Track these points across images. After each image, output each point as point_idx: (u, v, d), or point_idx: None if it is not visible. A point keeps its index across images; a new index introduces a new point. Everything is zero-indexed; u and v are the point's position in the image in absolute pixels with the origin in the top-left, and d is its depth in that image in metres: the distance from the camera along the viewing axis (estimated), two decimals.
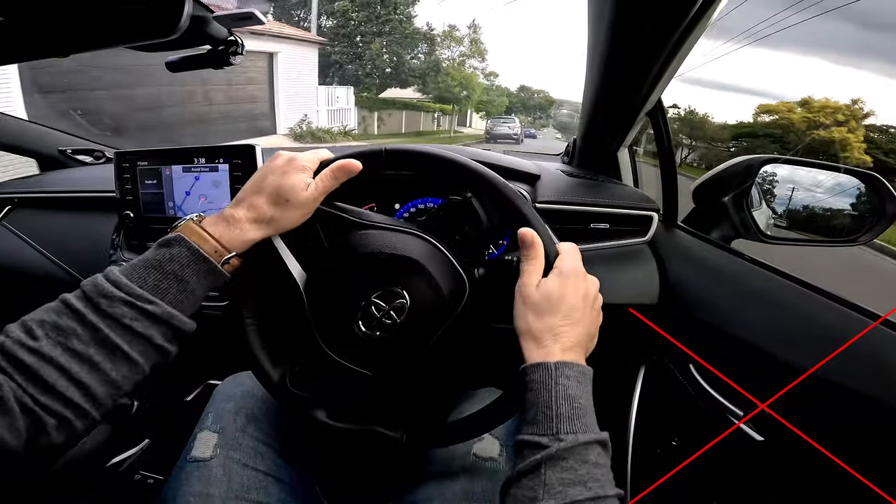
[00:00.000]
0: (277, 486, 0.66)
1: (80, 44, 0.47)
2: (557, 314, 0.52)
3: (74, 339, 0.44)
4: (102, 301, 0.46)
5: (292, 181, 0.56)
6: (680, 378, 0.86)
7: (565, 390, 0.48)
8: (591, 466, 0.45)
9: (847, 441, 0.60)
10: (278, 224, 0.56)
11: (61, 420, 0.43)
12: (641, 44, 0.70)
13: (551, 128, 49.07)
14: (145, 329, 0.47)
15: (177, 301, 0.50)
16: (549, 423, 0.46)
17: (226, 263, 0.53)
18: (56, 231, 1.14)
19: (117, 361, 0.46)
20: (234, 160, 0.93)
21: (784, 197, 0.97)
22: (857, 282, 1.78)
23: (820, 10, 2.90)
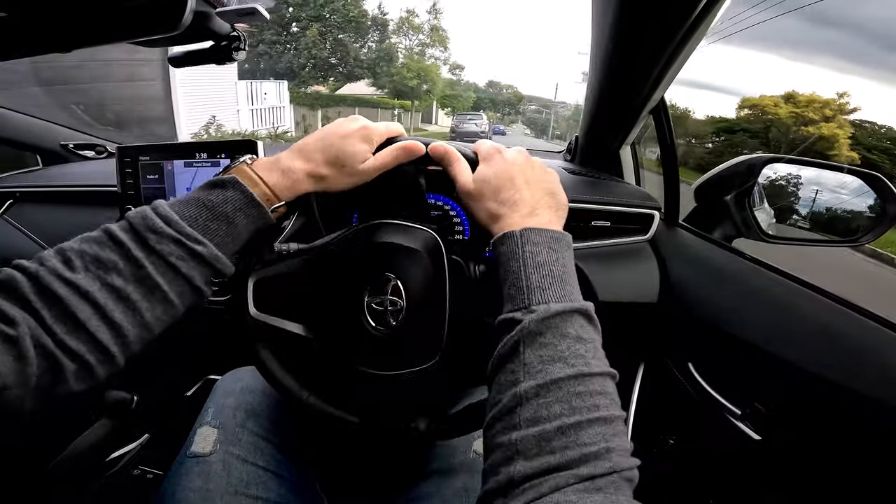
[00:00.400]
0: (277, 482, 0.66)
1: (83, 39, 0.47)
2: (500, 189, 0.51)
3: (115, 274, 0.42)
4: (151, 236, 0.44)
5: (355, 149, 0.55)
6: (679, 376, 0.86)
7: (534, 258, 0.46)
8: (573, 341, 0.42)
9: (845, 441, 0.60)
10: (329, 184, 0.56)
11: (83, 365, 0.40)
12: (645, 42, 0.70)
13: (520, 123, 47.94)
14: (189, 269, 0.45)
15: (223, 243, 0.48)
16: (520, 295, 0.44)
17: (274, 211, 0.52)
18: (57, 225, 1.14)
19: (154, 302, 0.44)
20: (236, 155, 0.93)
21: (787, 197, 0.97)
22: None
23: (782, 9, 2.93)
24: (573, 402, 0.39)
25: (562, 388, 0.39)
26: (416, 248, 0.58)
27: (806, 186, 0.95)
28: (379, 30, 20.03)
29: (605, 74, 0.87)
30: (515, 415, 0.39)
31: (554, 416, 0.38)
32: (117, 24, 0.46)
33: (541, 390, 0.39)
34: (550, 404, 0.39)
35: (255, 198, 0.50)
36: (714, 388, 0.78)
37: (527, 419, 0.39)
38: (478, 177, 0.54)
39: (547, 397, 0.39)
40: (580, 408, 0.38)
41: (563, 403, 0.38)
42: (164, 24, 0.46)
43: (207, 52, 0.62)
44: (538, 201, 0.51)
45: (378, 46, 19.79)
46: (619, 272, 0.92)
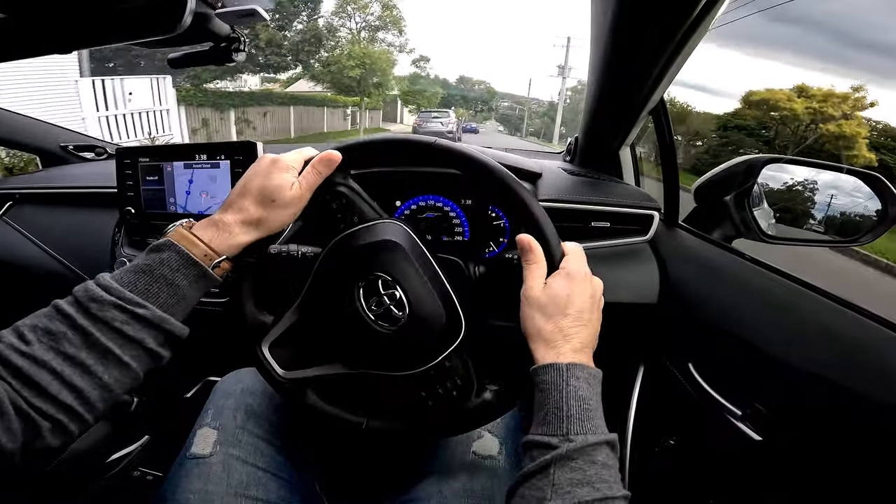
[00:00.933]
0: (277, 483, 0.66)
1: (82, 40, 0.48)
2: (567, 316, 0.52)
3: (66, 343, 0.45)
4: (93, 305, 0.46)
5: (277, 181, 0.57)
6: (679, 377, 0.86)
7: (576, 391, 0.48)
8: (600, 467, 0.45)
9: (845, 441, 0.60)
10: (267, 225, 0.57)
11: (55, 423, 0.44)
12: (645, 42, 0.70)
13: (493, 121, 47.01)
14: (136, 333, 0.48)
15: (168, 305, 0.50)
16: (559, 423, 0.47)
17: (216, 267, 0.54)
18: (57, 227, 1.15)
19: (109, 365, 0.46)
20: (236, 157, 0.94)
21: (786, 197, 0.97)
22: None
23: (756, 7, 2.94)
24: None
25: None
26: (392, 240, 0.58)
27: (807, 187, 0.95)
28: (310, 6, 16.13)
29: (604, 74, 0.87)
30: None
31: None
32: (116, 25, 0.46)
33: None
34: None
35: (190, 256, 0.52)
36: (714, 388, 0.78)
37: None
38: (552, 289, 0.54)
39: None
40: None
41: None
42: (164, 25, 0.46)
43: (207, 53, 0.62)
44: (588, 343, 0.53)
45: (305, 26, 16.13)
46: (618, 273, 0.92)
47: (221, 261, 0.54)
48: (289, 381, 0.59)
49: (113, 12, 0.44)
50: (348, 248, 0.59)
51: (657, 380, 0.95)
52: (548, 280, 0.55)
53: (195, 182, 0.97)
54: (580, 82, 40.12)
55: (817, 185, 0.94)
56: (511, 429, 0.74)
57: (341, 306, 0.57)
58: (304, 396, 0.61)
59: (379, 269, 0.57)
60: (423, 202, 1.00)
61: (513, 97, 53.52)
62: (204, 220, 0.56)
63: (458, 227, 1.00)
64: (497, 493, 0.64)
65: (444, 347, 0.57)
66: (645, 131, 1.12)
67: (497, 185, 0.58)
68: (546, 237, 0.56)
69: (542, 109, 51.53)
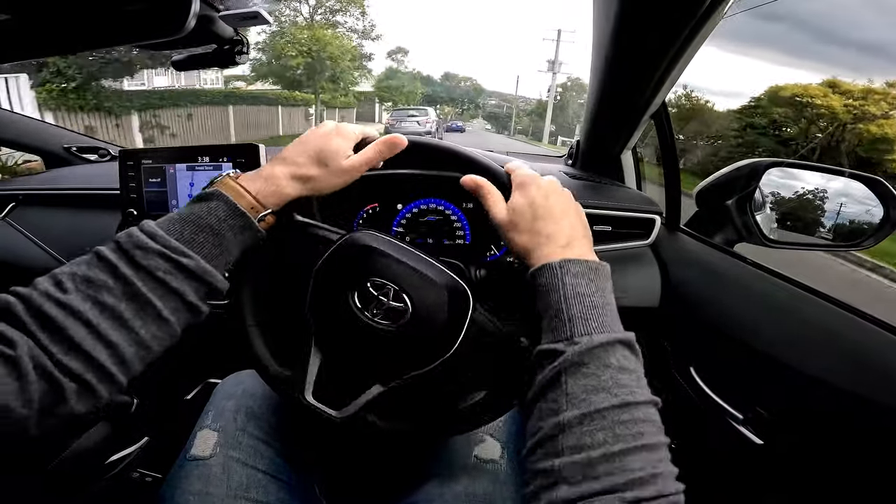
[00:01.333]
0: (277, 486, 0.66)
1: (87, 42, 0.48)
2: (536, 219, 0.52)
3: (105, 293, 0.42)
4: (137, 252, 0.44)
5: (335, 146, 0.56)
6: (680, 381, 0.86)
7: (573, 289, 0.46)
8: (616, 371, 0.42)
9: (847, 445, 0.60)
10: (316, 184, 0.56)
11: (83, 384, 0.40)
12: (647, 46, 0.71)
13: (480, 119, 46.10)
14: (179, 284, 0.45)
15: (212, 256, 0.48)
16: (562, 326, 0.44)
17: (261, 220, 0.52)
18: (60, 228, 1.15)
19: (147, 319, 0.44)
20: (238, 159, 0.94)
21: (787, 201, 0.97)
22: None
23: (742, 7, 2.93)
24: (617, 430, 0.39)
25: (606, 416, 0.40)
26: (368, 246, 0.58)
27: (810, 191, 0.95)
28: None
29: (606, 79, 0.87)
30: (557, 442, 0.40)
31: (598, 444, 0.38)
32: (121, 27, 0.46)
33: (584, 419, 0.40)
34: (594, 432, 0.39)
35: (237, 207, 0.50)
36: (716, 392, 0.78)
37: (570, 446, 0.39)
38: (512, 206, 0.53)
39: (591, 426, 0.39)
40: (625, 435, 0.39)
41: (606, 431, 0.39)
42: (168, 27, 0.46)
43: (210, 55, 0.62)
44: (575, 235, 0.52)
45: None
46: (620, 277, 0.92)
47: (267, 214, 0.53)
48: (345, 418, 0.58)
49: (118, 14, 0.45)
50: (332, 270, 0.59)
51: (659, 383, 0.95)
52: (507, 205, 0.54)
53: (197, 184, 0.97)
54: (569, 78, 39.28)
55: (819, 189, 0.93)
56: (513, 433, 0.73)
57: (352, 324, 0.57)
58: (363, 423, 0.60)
59: (370, 274, 0.57)
60: (424, 205, 1.00)
61: (500, 95, 53.04)
62: (250, 173, 0.54)
63: (460, 231, 1.00)
64: (499, 497, 0.64)
65: (430, 358, 0.57)
66: (647, 135, 1.12)
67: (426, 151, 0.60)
68: (485, 167, 0.57)
69: (529, 107, 51.18)
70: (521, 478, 0.67)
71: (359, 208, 1.02)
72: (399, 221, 1.01)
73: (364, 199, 1.02)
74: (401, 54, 22.64)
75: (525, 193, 0.54)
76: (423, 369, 0.57)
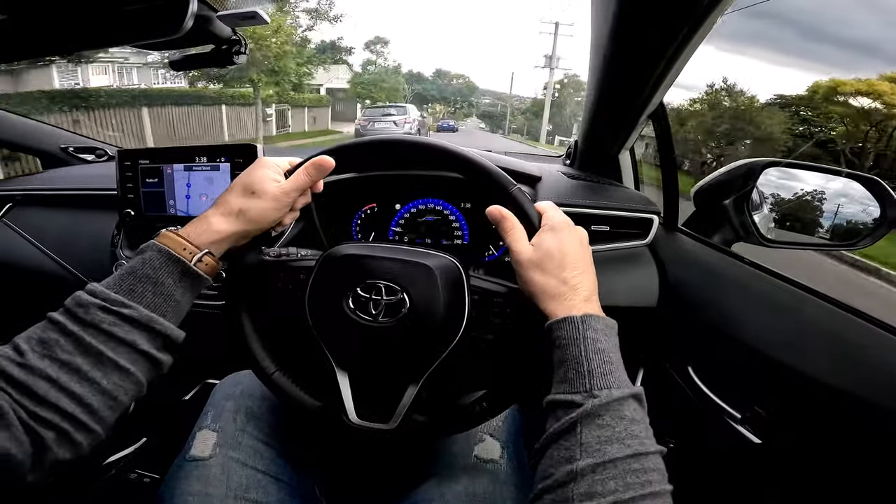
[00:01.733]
0: (277, 486, 0.66)
1: (84, 42, 0.48)
2: (566, 267, 0.52)
3: (59, 350, 0.44)
4: (79, 310, 0.46)
5: (259, 175, 0.57)
6: (678, 380, 0.86)
7: (595, 344, 0.47)
8: (629, 422, 0.44)
9: (845, 445, 0.60)
10: (247, 215, 0.56)
11: (60, 432, 0.43)
12: (645, 46, 0.71)
13: (474, 117, 45.43)
14: (126, 334, 0.47)
15: (155, 305, 0.50)
16: (580, 379, 0.46)
17: (199, 262, 0.53)
18: (57, 229, 1.14)
19: (106, 369, 0.46)
20: (236, 159, 0.94)
21: (785, 200, 0.98)
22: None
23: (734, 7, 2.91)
24: (628, 478, 0.41)
25: (618, 466, 0.41)
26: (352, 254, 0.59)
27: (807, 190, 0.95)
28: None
29: (604, 78, 0.87)
30: (568, 489, 0.41)
31: (609, 492, 0.40)
32: (119, 27, 0.46)
33: (597, 468, 0.41)
34: (606, 481, 0.40)
35: (170, 252, 0.52)
36: (714, 391, 0.78)
37: (581, 494, 0.40)
38: (543, 245, 0.53)
39: (603, 474, 0.41)
40: (634, 484, 0.40)
41: (618, 480, 0.40)
42: (166, 27, 0.46)
43: (208, 55, 0.62)
44: (594, 290, 0.53)
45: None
46: (618, 277, 0.93)
47: (204, 255, 0.53)
48: (397, 427, 0.59)
49: (116, 15, 0.45)
50: (321, 290, 0.59)
51: (657, 383, 0.95)
52: (533, 241, 0.54)
53: (195, 184, 0.97)
54: (566, 75, 38.60)
55: (817, 189, 0.94)
56: (513, 433, 0.73)
57: (359, 333, 0.57)
58: (415, 425, 0.60)
59: (358, 280, 0.57)
60: (422, 205, 1.00)
61: (494, 94, 52.42)
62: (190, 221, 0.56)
63: (458, 231, 1.00)
64: (499, 497, 0.64)
65: (444, 340, 0.57)
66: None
67: (463, 165, 0.59)
68: (519, 202, 0.56)
69: (524, 106, 50.64)
70: (521, 478, 0.67)
71: (357, 208, 1.02)
72: (397, 221, 1.01)
73: (362, 199, 1.02)
74: (380, 45, 20.00)
75: (557, 237, 0.54)
76: (446, 352, 0.57)
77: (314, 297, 0.59)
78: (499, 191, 0.57)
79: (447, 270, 0.58)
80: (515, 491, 0.65)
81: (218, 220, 0.55)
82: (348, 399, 0.59)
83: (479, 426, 0.64)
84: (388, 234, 1.02)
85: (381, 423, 0.58)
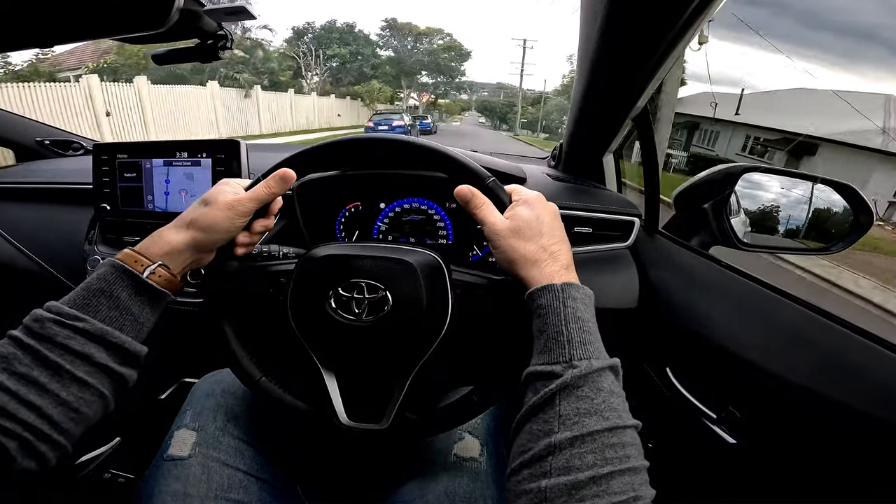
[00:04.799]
0: (258, 486, 0.65)
1: (66, 35, 0.46)
2: (543, 234, 0.52)
3: (16, 363, 0.45)
4: (35, 325, 0.47)
5: (216, 189, 0.58)
6: (657, 381, 0.88)
7: (574, 313, 0.47)
8: (607, 394, 0.44)
9: (818, 444, 0.62)
10: (198, 224, 0.56)
11: (22, 442, 0.43)
12: (630, 51, 0.72)
13: (473, 111, 44.38)
14: (82, 347, 0.47)
15: (110, 318, 0.50)
16: (561, 349, 0.45)
17: (152, 274, 0.53)
18: (31, 223, 1.11)
19: (64, 381, 0.46)
20: (218, 154, 0.92)
21: (761, 205, 1.00)
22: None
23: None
24: (606, 453, 0.40)
25: (596, 439, 0.41)
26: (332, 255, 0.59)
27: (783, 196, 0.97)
28: None
29: (590, 81, 0.88)
30: (546, 463, 0.41)
31: (587, 466, 0.40)
32: (102, 20, 0.45)
33: (575, 441, 0.41)
34: (584, 455, 0.40)
35: (123, 266, 0.51)
36: (691, 392, 0.80)
37: (558, 468, 0.40)
38: (518, 216, 0.53)
39: (581, 448, 0.41)
40: (612, 458, 0.40)
41: (596, 454, 0.40)
42: (151, 21, 0.45)
43: (193, 49, 0.61)
44: (570, 258, 0.53)
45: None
46: (599, 278, 0.94)
47: (156, 267, 0.53)
48: (389, 426, 0.59)
49: (99, 7, 0.44)
50: (303, 292, 0.59)
51: (636, 384, 0.97)
52: (507, 213, 0.54)
53: (174, 180, 0.95)
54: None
55: (793, 194, 0.96)
56: (492, 430, 0.74)
57: (344, 333, 0.57)
58: (407, 423, 0.60)
59: (339, 280, 0.57)
60: (407, 204, 1.00)
61: (505, 87, 49.37)
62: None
63: (443, 231, 1.00)
64: (479, 495, 0.64)
65: (428, 336, 0.57)
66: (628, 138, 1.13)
67: (432, 157, 0.59)
68: (488, 186, 0.57)
69: (532, 97, 47.83)
70: (501, 475, 0.68)
71: (341, 206, 1.02)
72: (381, 220, 1.01)
73: (346, 197, 1.01)
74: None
75: (532, 208, 0.54)
76: (432, 347, 0.57)
77: (296, 300, 0.59)
78: (464, 176, 0.58)
79: (428, 266, 0.58)
80: (496, 488, 0.65)
81: (169, 232, 0.56)
82: (338, 401, 0.59)
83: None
84: (372, 233, 1.01)
85: (372, 423, 0.58)
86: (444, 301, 0.57)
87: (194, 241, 0.56)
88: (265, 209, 0.61)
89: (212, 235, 0.56)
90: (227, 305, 0.62)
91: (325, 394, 0.59)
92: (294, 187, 0.94)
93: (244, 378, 0.61)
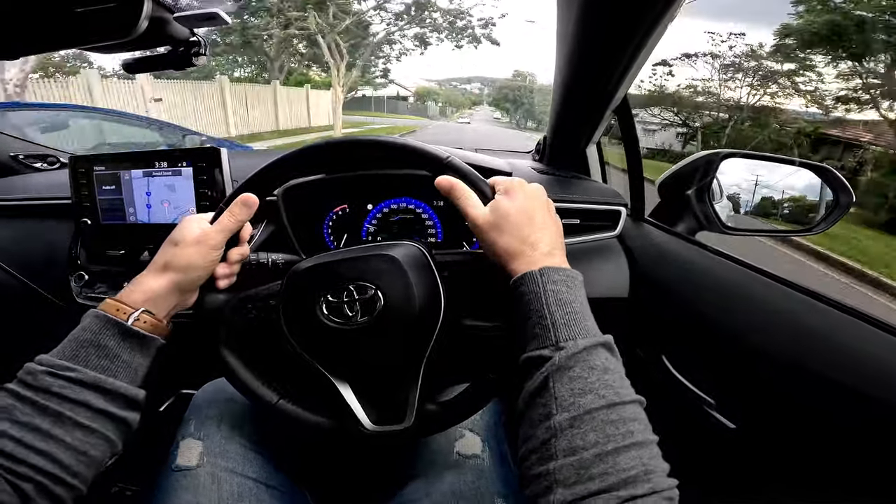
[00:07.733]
0: (268, 493, 0.65)
1: (33, 45, 0.45)
2: (523, 226, 0.52)
3: (17, 413, 0.46)
4: (28, 377, 0.47)
5: (182, 227, 0.58)
6: (653, 368, 0.88)
7: (556, 296, 0.47)
8: (601, 372, 0.43)
9: (815, 428, 0.62)
10: (173, 265, 0.56)
11: (37, 485, 0.44)
12: (607, 41, 0.72)
13: (486, 105, 42.13)
14: (77, 395, 0.48)
15: (102, 367, 0.50)
16: (546, 333, 0.45)
17: (136, 321, 0.53)
18: (8, 240, 1.09)
19: (67, 427, 0.47)
20: (199, 163, 0.91)
21: (744, 190, 1.01)
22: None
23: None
24: (608, 430, 0.40)
25: (595, 417, 0.41)
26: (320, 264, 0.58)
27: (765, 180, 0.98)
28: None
29: (569, 74, 0.88)
30: (551, 446, 0.41)
31: (590, 445, 0.40)
32: (69, 29, 0.44)
33: (575, 421, 0.41)
34: (586, 434, 0.40)
35: (106, 316, 0.52)
36: (687, 378, 0.80)
37: (563, 449, 0.40)
38: (497, 208, 0.53)
39: (581, 427, 0.40)
40: (615, 435, 0.40)
41: (597, 432, 0.40)
42: (119, 30, 0.44)
43: (165, 56, 0.60)
44: (555, 244, 0.53)
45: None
46: (590, 268, 0.94)
47: (140, 313, 0.53)
48: (414, 422, 0.58)
49: (65, 16, 0.42)
50: (294, 308, 0.59)
51: (632, 372, 0.97)
52: (489, 205, 0.54)
53: (155, 191, 0.94)
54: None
55: (773, 178, 0.97)
56: (492, 425, 0.74)
57: (344, 340, 0.56)
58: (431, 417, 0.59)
59: (328, 287, 0.57)
60: (395, 205, 1.00)
61: (483, 79, 46.10)
62: None
63: (431, 229, 1.00)
64: (485, 491, 0.64)
65: (427, 326, 0.56)
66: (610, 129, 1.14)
67: (401, 153, 0.59)
68: (469, 178, 0.56)
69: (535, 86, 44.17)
70: (504, 470, 0.68)
71: (328, 210, 1.01)
72: (370, 222, 1.01)
73: (333, 200, 1.00)
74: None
75: (513, 198, 0.54)
76: (434, 334, 0.56)
77: (289, 317, 0.58)
78: (433, 165, 0.57)
79: (412, 256, 0.57)
80: (501, 484, 0.65)
81: (148, 278, 0.56)
82: (357, 409, 0.58)
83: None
84: (361, 235, 1.01)
85: (396, 423, 0.57)
86: (434, 287, 0.57)
87: (175, 283, 0.56)
88: (236, 238, 0.61)
89: (190, 274, 0.57)
90: (225, 338, 0.61)
91: (343, 404, 0.58)
92: (279, 193, 0.93)
93: (261, 404, 0.60)
